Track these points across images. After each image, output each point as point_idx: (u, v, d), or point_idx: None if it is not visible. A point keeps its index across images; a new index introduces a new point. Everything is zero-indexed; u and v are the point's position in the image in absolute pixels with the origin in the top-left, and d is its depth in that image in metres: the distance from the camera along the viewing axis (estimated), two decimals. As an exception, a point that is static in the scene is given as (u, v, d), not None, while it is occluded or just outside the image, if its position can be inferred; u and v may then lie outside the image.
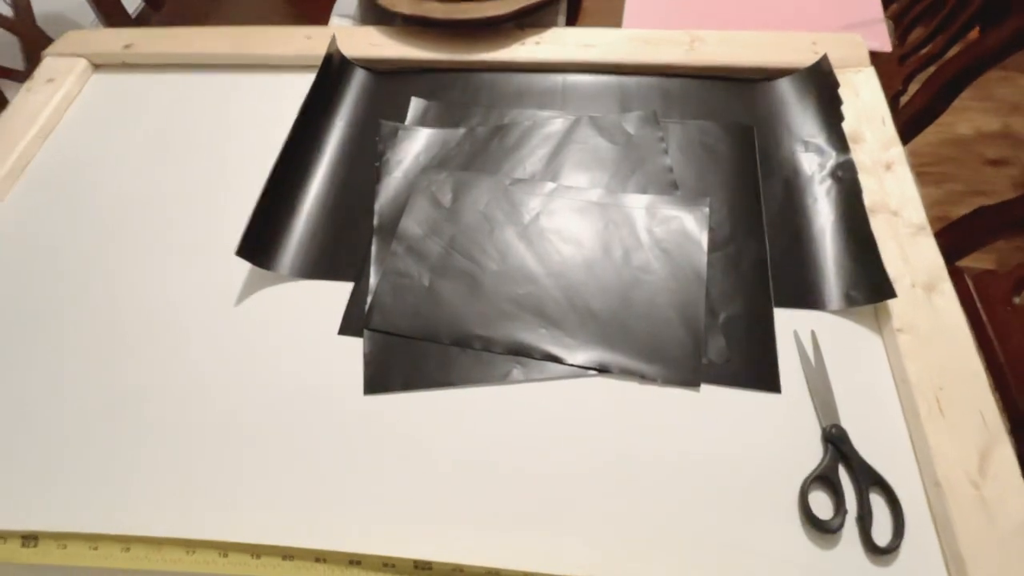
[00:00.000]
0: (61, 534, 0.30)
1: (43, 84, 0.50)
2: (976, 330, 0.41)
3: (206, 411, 0.34)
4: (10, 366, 0.37)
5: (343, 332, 0.36)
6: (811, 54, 0.45)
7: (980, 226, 0.61)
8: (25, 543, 0.30)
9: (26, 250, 0.42)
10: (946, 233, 0.63)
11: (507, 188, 0.42)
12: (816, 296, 0.36)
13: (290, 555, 0.29)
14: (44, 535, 0.30)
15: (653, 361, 0.34)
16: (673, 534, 0.29)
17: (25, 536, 0.30)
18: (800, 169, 0.41)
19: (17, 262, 0.41)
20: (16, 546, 0.30)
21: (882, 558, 0.28)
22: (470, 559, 0.28)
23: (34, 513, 0.31)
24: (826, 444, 0.31)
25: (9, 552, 0.30)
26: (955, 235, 0.63)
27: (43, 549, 0.30)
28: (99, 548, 0.29)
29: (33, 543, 0.30)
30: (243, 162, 0.45)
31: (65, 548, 0.30)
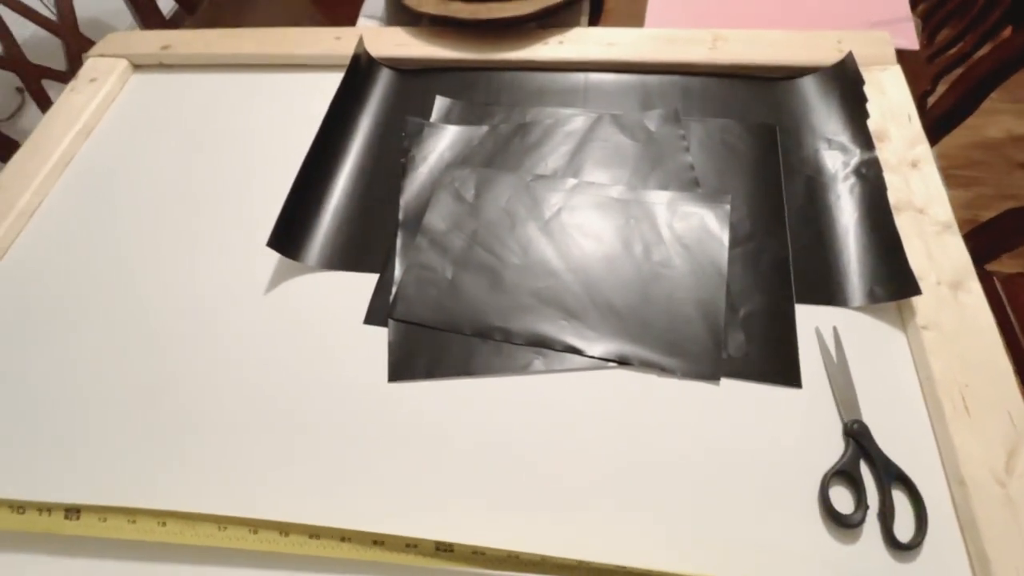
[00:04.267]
0: (102, 508, 0.31)
1: (86, 84, 0.53)
2: (1005, 333, 0.40)
3: (236, 396, 0.35)
4: (56, 351, 0.38)
5: (368, 321, 0.37)
6: (836, 52, 0.45)
7: (1009, 228, 0.60)
8: (68, 515, 0.31)
9: (69, 242, 0.44)
10: (974, 236, 0.62)
11: (529, 184, 0.42)
12: (838, 293, 0.35)
13: (316, 534, 0.30)
14: (86, 508, 0.31)
15: (673, 354, 0.34)
16: (691, 525, 0.29)
17: (68, 509, 0.31)
18: (823, 167, 0.41)
19: (61, 253, 0.43)
20: (60, 518, 0.31)
21: (904, 554, 0.28)
22: (490, 542, 0.28)
23: (77, 488, 0.33)
24: (847, 439, 0.31)
25: (53, 524, 0.31)
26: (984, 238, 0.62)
27: (85, 522, 0.31)
28: (137, 522, 0.31)
29: (76, 516, 0.31)
30: (274, 158, 0.47)
31: (105, 521, 0.31)
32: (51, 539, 0.32)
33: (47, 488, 0.33)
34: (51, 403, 0.36)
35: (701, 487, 0.30)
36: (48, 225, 0.45)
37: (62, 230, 0.45)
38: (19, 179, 0.46)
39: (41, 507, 0.31)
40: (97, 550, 0.31)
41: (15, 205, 0.45)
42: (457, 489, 0.31)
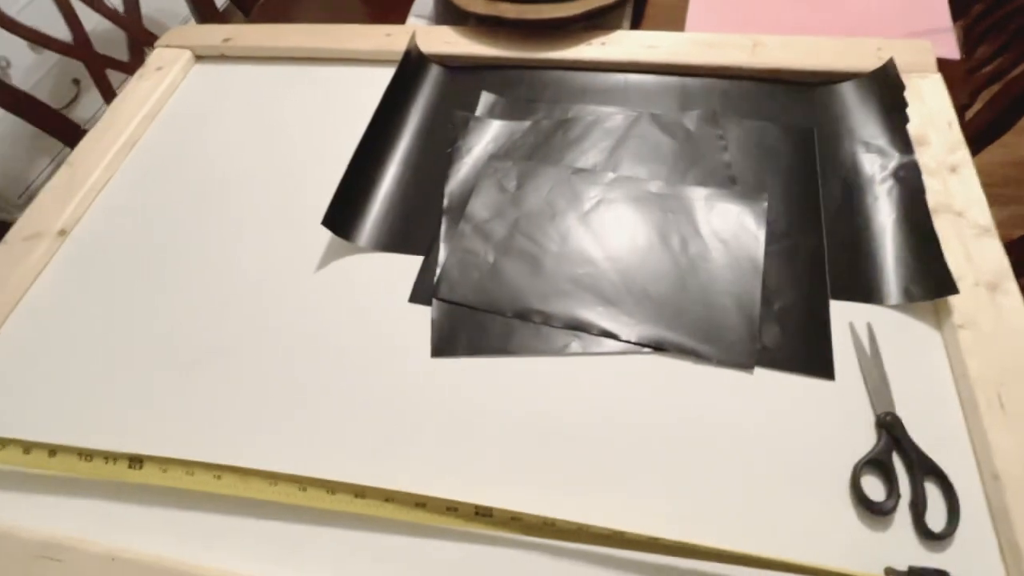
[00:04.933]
0: (163, 459, 0.33)
1: (152, 72, 0.56)
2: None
3: (288, 364, 0.37)
4: (123, 317, 0.41)
5: (413, 300, 0.39)
6: (875, 59, 0.46)
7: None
8: (132, 465, 0.33)
9: (135, 216, 0.47)
10: (1011, 249, 0.61)
11: (569, 177, 0.44)
12: (874, 290, 0.36)
13: (362, 493, 0.31)
14: (149, 459, 0.33)
15: (708, 342, 0.35)
16: (722, 504, 0.30)
17: (132, 459, 0.33)
18: (861, 169, 0.41)
19: (126, 226, 0.46)
20: (124, 467, 0.33)
21: (935, 543, 0.28)
22: (527, 509, 0.29)
23: (141, 440, 0.35)
24: (880, 430, 0.31)
25: (118, 471, 0.33)
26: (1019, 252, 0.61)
27: (147, 471, 0.33)
28: (195, 474, 0.33)
29: (139, 465, 0.33)
30: (327, 146, 0.49)
31: (165, 472, 0.33)
32: (115, 486, 0.34)
33: (113, 438, 0.35)
34: (117, 362, 0.39)
35: (733, 469, 0.31)
36: (116, 200, 0.48)
37: (128, 205, 0.48)
38: (90, 157, 0.50)
39: (107, 456, 0.34)
40: (157, 498, 0.33)
41: (86, 181, 0.48)
42: (495, 460, 0.33)
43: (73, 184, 0.48)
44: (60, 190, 0.48)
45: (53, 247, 0.45)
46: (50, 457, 0.34)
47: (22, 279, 0.43)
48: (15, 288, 0.43)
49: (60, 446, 0.34)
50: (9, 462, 0.34)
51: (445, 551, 0.30)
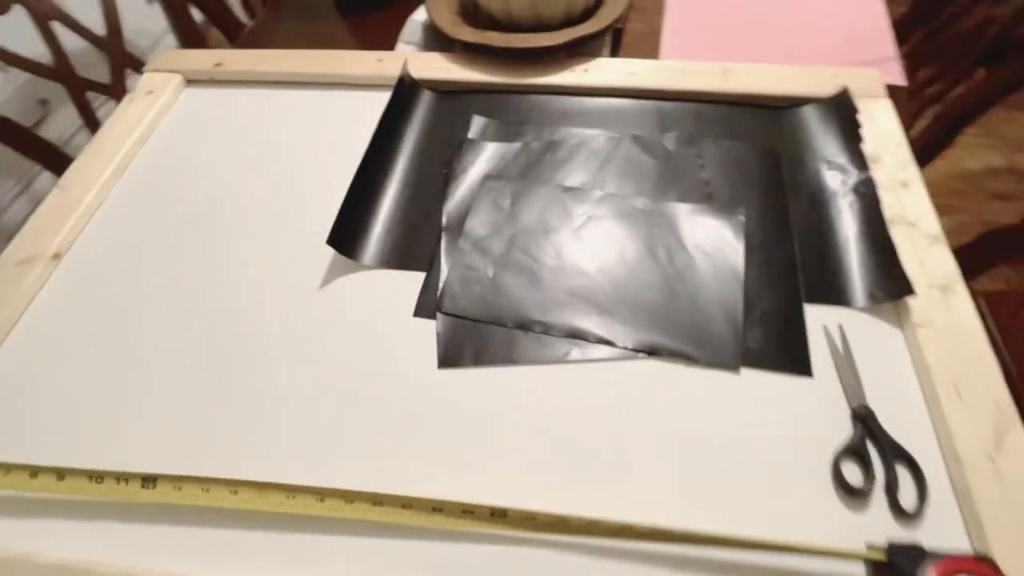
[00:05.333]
0: (177, 477, 0.33)
1: (143, 96, 0.56)
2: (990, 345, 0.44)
3: (297, 380, 0.38)
4: (122, 339, 0.41)
5: (418, 314, 0.41)
6: (832, 86, 0.51)
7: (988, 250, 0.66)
8: (145, 484, 0.34)
9: (129, 239, 0.47)
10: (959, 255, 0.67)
11: (560, 195, 0.47)
12: (843, 295, 0.40)
13: (379, 501, 0.32)
14: (162, 477, 0.34)
15: (697, 346, 0.38)
16: (716, 495, 0.33)
17: (145, 478, 0.34)
18: (824, 185, 0.46)
19: (121, 249, 0.46)
20: (137, 487, 0.34)
21: (909, 521, 0.31)
22: (540, 508, 0.31)
23: (150, 460, 0.35)
24: (855, 422, 0.34)
25: (131, 492, 0.33)
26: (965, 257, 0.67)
27: (161, 490, 0.33)
28: (210, 491, 0.33)
29: (152, 484, 0.34)
30: (320, 168, 0.51)
31: (180, 490, 0.33)
32: (128, 506, 0.34)
33: (124, 458, 0.35)
34: (127, 381, 0.39)
35: (725, 462, 0.34)
36: (109, 223, 0.48)
37: (122, 228, 0.48)
38: (82, 180, 0.50)
39: (119, 476, 0.34)
40: (172, 516, 0.33)
41: (79, 205, 0.48)
42: (506, 463, 0.34)
43: (65, 207, 0.48)
44: (52, 214, 0.48)
45: (47, 271, 0.45)
46: (59, 480, 0.34)
47: (17, 303, 0.43)
48: (11, 312, 0.42)
49: (68, 469, 0.34)
50: (15, 487, 0.34)
51: (463, 554, 0.32)
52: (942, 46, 0.79)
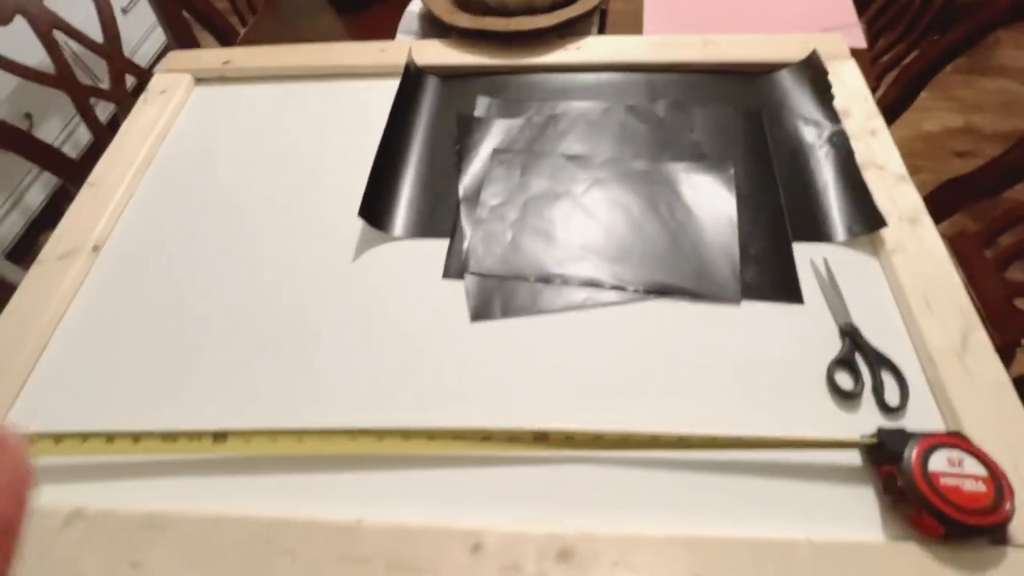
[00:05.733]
0: (245, 431, 0.37)
1: (157, 96, 0.59)
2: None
3: (342, 342, 0.42)
4: (170, 319, 0.44)
5: (446, 276, 0.45)
6: (802, 51, 0.56)
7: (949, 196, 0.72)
8: (216, 440, 0.37)
9: (161, 228, 0.50)
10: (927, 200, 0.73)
11: (565, 163, 0.51)
12: (825, 232, 0.45)
13: (433, 436, 0.36)
14: (232, 433, 0.37)
15: (701, 284, 0.42)
16: (729, 408, 0.37)
17: (216, 435, 0.37)
18: (803, 139, 0.51)
19: (155, 238, 0.49)
20: (208, 443, 0.37)
21: (894, 414, 0.36)
22: (578, 427, 0.35)
23: (222, 417, 0.39)
24: (843, 337, 0.39)
25: (203, 448, 0.37)
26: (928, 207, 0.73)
27: (232, 444, 0.37)
28: (278, 440, 0.37)
29: (223, 439, 0.37)
30: (335, 152, 0.54)
31: (249, 442, 0.37)
32: (195, 465, 0.37)
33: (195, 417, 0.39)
34: (170, 361, 0.42)
35: (733, 380, 0.38)
36: (142, 215, 0.51)
37: (156, 219, 0.51)
38: (110, 177, 0.52)
39: (191, 435, 0.37)
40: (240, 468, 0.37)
41: (111, 199, 0.51)
42: (539, 399, 0.38)
43: (97, 203, 0.50)
44: (86, 210, 0.50)
45: (89, 263, 0.47)
46: (134, 443, 0.37)
47: (65, 293, 0.45)
48: (60, 302, 0.45)
49: (143, 432, 0.37)
50: (94, 452, 0.37)
51: (512, 476, 0.36)
52: (897, 13, 0.85)
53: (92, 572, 0.33)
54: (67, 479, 0.37)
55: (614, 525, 0.33)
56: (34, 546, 0.34)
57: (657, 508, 0.34)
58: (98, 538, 0.34)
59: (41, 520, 0.34)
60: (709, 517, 0.33)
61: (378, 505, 0.35)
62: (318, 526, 0.33)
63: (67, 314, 0.45)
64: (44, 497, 0.36)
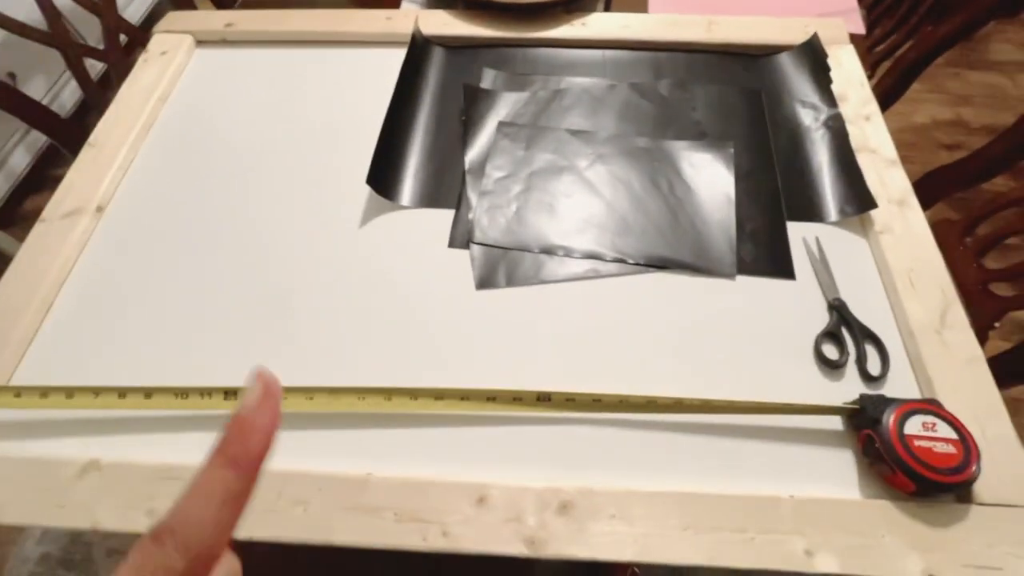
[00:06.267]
0: (257, 388, 0.38)
1: (157, 56, 0.58)
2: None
3: (349, 306, 0.43)
4: (176, 278, 0.45)
5: (452, 245, 0.46)
6: (803, 34, 0.57)
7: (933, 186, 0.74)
8: (227, 396, 0.38)
9: (164, 191, 0.50)
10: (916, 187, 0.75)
11: (569, 138, 0.52)
12: (818, 211, 0.46)
13: (440, 395, 0.38)
14: (243, 390, 0.38)
15: (699, 258, 0.44)
16: (722, 375, 0.39)
17: (227, 391, 0.38)
18: (800, 121, 0.52)
19: (161, 204, 0.49)
20: (220, 399, 0.38)
21: (875, 383, 0.38)
22: (579, 390, 0.37)
23: (230, 376, 0.39)
24: (831, 311, 0.41)
25: (215, 404, 0.38)
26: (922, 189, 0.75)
27: (243, 400, 0.38)
28: (288, 398, 0.38)
29: (234, 396, 0.38)
30: (339, 122, 0.54)
31: (260, 399, 0.38)
32: (209, 421, 0.38)
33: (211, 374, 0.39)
34: (177, 320, 0.43)
35: (726, 349, 0.40)
36: (145, 177, 0.51)
37: (160, 181, 0.50)
38: (112, 138, 0.52)
39: (203, 391, 0.38)
40: (253, 424, 0.38)
41: (114, 160, 0.50)
42: (542, 364, 0.40)
43: (100, 163, 0.50)
44: (88, 169, 0.50)
45: (93, 222, 0.47)
46: (146, 399, 0.38)
47: (70, 252, 0.45)
48: (65, 261, 0.45)
49: (155, 388, 0.38)
50: (106, 406, 0.38)
51: (516, 435, 0.37)
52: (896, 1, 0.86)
53: (108, 518, 0.34)
54: (81, 432, 0.38)
55: (612, 481, 0.35)
56: (50, 493, 0.35)
57: (652, 466, 0.36)
58: (114, 487, 0.35)
59: (57, 469, 0.35)
60: (700, 475, 0.35)
61: (386, 460, 0.36)
62: (329, 478, 0.35)
63: (72, 273, 0.45)
64: (59, 449, 0.37)
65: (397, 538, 0.33)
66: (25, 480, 0.35)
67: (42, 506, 0.34)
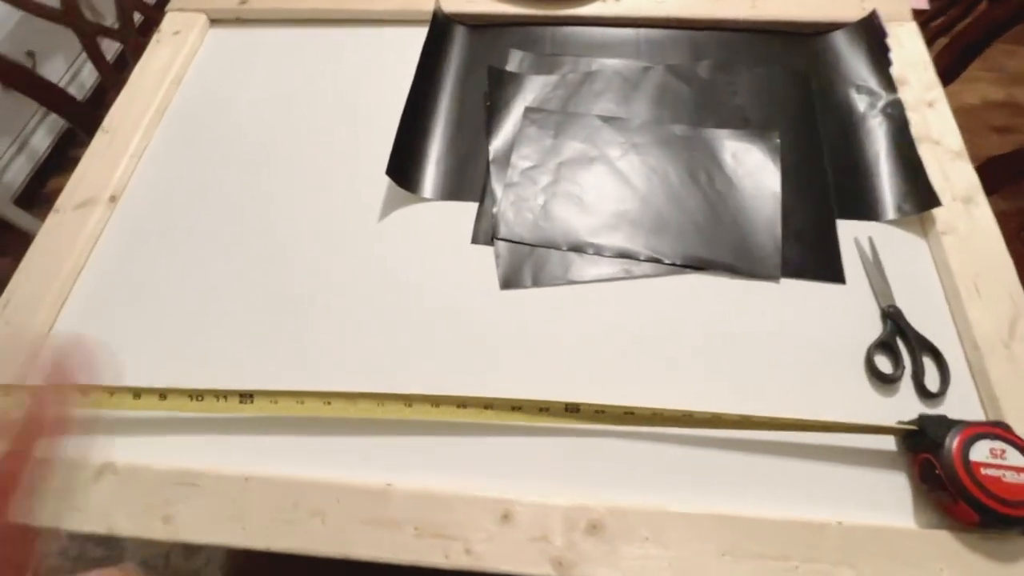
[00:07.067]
0: (272, 392, 0.36)
1: (170, 36, 0.56)
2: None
3: (369, 304, 0.41)
4: (191, 272, 0.43)
5: (475, 241, 0.43)
6: (859, 10, 0.52)
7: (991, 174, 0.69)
8: (243, 400, 0.37)
9: (179, 177, 0.48)
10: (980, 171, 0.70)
11: (601, 125, 0.48)
12: (872, 209, 0.43)
13: (463, 403, 0.36)
14: (259, 393, 0.36)
15: (741, 259, 0.41)
16: (764, 386, 0.37)
17: (242, 394, 0.37)
18: (853, 108, 0.48)
19: (175, 192, 0.48)
20: (235, 402, 0.36)
21: (933, 400, 0.35)
22: (609, 400, 0.35)
23: (247, 374, 0.38)
24: (885, 320, 0.38)
25: (230, 407, 0.36)
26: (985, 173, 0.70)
27: (258, 404, 0.36)
28: (305, 402, 0.36)
29: (249, 400, 0.36)
30: (358, 105, 0.51)
31: (276, 403, 0.36)
32: (225, 424, 0.37)
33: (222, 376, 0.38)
34: (194, 315, 0.41)
35: (770, 360, 0.37)
36: (159, 164, 0.49)
37: (173, 168, 0.49)
38: (125, 123, 0.50)
39: (218, 394, 0.37)
40: (269, 428, 0.37)
41: (127, 147, 0.49)
42: (571, 370, 0.38)
43: (113, 151, 0.49)
44: (101, 157, 0.48)
45: (106, 213, 0.46)
46: (161, 400, 0.37)
47: (84, 245, 0.44)
48: (79, 254, 0.44)
49: (170, 389, 0.37)
50: (121, 407, 0.37)
51: (541, 447, 0.35)
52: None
53: (125, 524, 0.33)
54: (95, 431, 0.37)
55: (644, 500, 0.33)
56: (67, 496, 0.34)
57: (688, 485, 0.34)
58: (130, 492, 0.34)
59: (74, 470, 0.35)
60: (740, 496, 0.33)
61: (406, 470, 0.35)
62: (347, 489, 0.34)
63: (86, 267, 0.44)
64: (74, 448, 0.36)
65: (418, 554, 0.32)
66: (41, 482, 0.35)
67: (60, 509, 0.34)
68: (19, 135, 1.13)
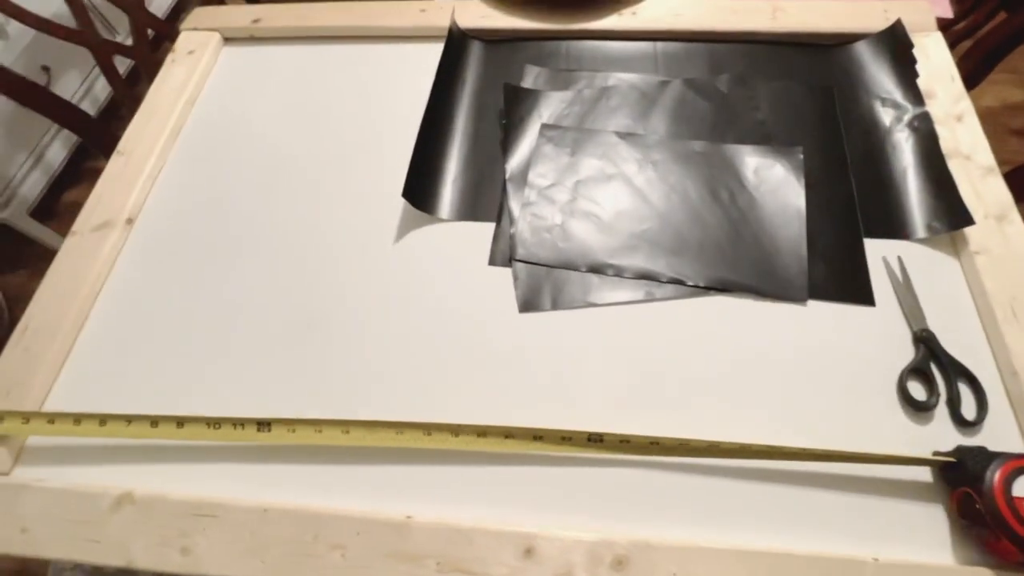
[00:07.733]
0: (289, 420, 0.36)
1: (184, 56, 0.56)
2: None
3: (385, 328, 0.40)
4: (208, 297, 0.43)
5: (492, 263, 0.43)
6: (883, 20, 0.51)
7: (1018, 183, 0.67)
8: (260, 428, 0.36)
9: (195, 200, 0.48)
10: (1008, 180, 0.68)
11: (618, 142, 0.47)
12: (901, 227, 0.41)
13: (483, 432, 0.35)
14: (275, 421, 0.36)
15: (765, 281, 0.40)
16: (792, 415, 0.35)
17: (260, 423, 0.36)
18: (879, 122, 0.46)
19: (192, 214, 0.47)
20: (253, 431, 0.36)
21: (970, 429, 0.34)
22: (632, 428, 0.34)
23: (264, 400, 0.38)
24: (917, 344, 0.37)
25: (247, 435, 0.36)
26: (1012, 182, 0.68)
27: (276, 433, 0.36)
28: (323, 431, 0.36)
29: (267, 428, 0.36)
30: (373, 123, 0.51)
31: (294, 431, 0.36)
32: (242, 452, 0.37)
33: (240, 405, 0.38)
34: (213, 342, 0.41)
35: (797, 385, 0.36)
36: (175, 185, 0.49)
37: (189, 189, 0.49)
38: (141, 145, 0.50)
39: (235, 422, 0.36)
40: (286, 456, 0.36)
41: (143, 169, 0.49)
42: (593, 397, 0.37)
43: (129, 173, 0.49)
44: (117, 179, 0.48)
45: (123, 236, 0.46)
46: (178, 428, 0.37)
47: (101, 268, 0.44)
48: (96, 278, 0.44)
49: (187, 417, 0.36)
50: (138, 435, 0.36)
51: (563, 477, 0.34)
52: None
53: (143, 556, 0.33)
54: (114, 460, 0.37)
55: (671, 534, 0.32)
56: (86, 527, 0.34)
57: (715, 518, 0.33)
58: (148, 522, 0.34)
59: (91, 500, 0.34)
60: (770, 530, 0.32)
61: (426, 501, 0.34)
62: (367, 521, 0.33)
63: (103, 291, 0.44)
64: (92, 477, 0.36)
65: (440, 590, 0.31)
66: (61, 513, 0.34)
67: (78, 541, 0.33)
68: (35, 149, 1.14)
